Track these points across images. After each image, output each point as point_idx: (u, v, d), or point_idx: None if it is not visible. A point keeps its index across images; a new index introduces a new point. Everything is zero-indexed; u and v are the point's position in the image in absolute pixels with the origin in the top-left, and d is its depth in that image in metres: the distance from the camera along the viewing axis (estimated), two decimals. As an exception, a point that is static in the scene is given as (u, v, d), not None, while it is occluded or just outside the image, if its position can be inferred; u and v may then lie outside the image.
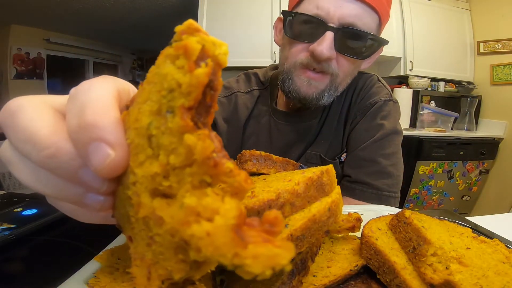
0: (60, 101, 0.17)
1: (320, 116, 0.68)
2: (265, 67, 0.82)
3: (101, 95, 0.15)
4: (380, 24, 0.58)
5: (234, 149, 0.71)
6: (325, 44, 0.52)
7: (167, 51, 0.14)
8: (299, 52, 0.57)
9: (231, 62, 2.16)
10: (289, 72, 0.59)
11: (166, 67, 0.14)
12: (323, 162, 0.67)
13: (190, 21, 0.14)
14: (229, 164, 0.12)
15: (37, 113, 0.15)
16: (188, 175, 0.13)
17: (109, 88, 0.16)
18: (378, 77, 0.70)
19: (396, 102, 0.67)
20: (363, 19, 0.53)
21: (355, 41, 0.55)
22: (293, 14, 0.56)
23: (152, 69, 0.15)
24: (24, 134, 0.15)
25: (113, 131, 0.14)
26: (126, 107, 0.17)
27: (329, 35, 0.52)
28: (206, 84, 0.13)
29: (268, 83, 0.76)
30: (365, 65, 0.64)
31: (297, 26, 0.56)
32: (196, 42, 0.13)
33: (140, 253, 0.15)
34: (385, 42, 0.56)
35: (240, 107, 0.72)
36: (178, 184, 0.13)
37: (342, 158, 0.67)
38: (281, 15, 0.59)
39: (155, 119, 0.14)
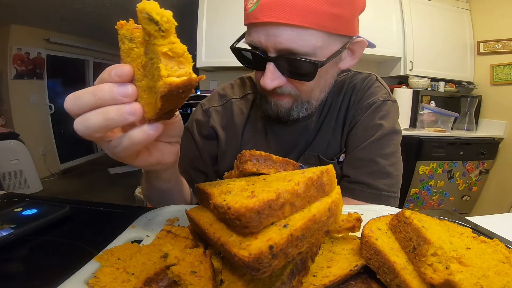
0: None
1: (319, 117, 0.68)
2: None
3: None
4: (331, 34, 0.52)
5: (233, 154, 0.71)
6: (267, 77, 0.52)
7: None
8: (259, 79, 0.57)
9: (231, 62, 2.17)
10: (262, 93, 0.63)
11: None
12: (322, 163, 0.67)
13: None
14: None
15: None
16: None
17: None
18: (376, 77, 0.70)
19: (394, 101, 0.67)
20: (298, 41, 0.50)
21: (295, 66, 0.52)
22: (237, 49, 0.57)
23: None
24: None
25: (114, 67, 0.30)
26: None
27: (269, 66, 0.52)
28: None
29: None
30: (346, 63, 0.61)
31: (245, 59, 0.58)
32: None
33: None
34: (320, 64, 0.52)
35: (236, 114, 0.72)
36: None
37: (341, 158, 0.67)
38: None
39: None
